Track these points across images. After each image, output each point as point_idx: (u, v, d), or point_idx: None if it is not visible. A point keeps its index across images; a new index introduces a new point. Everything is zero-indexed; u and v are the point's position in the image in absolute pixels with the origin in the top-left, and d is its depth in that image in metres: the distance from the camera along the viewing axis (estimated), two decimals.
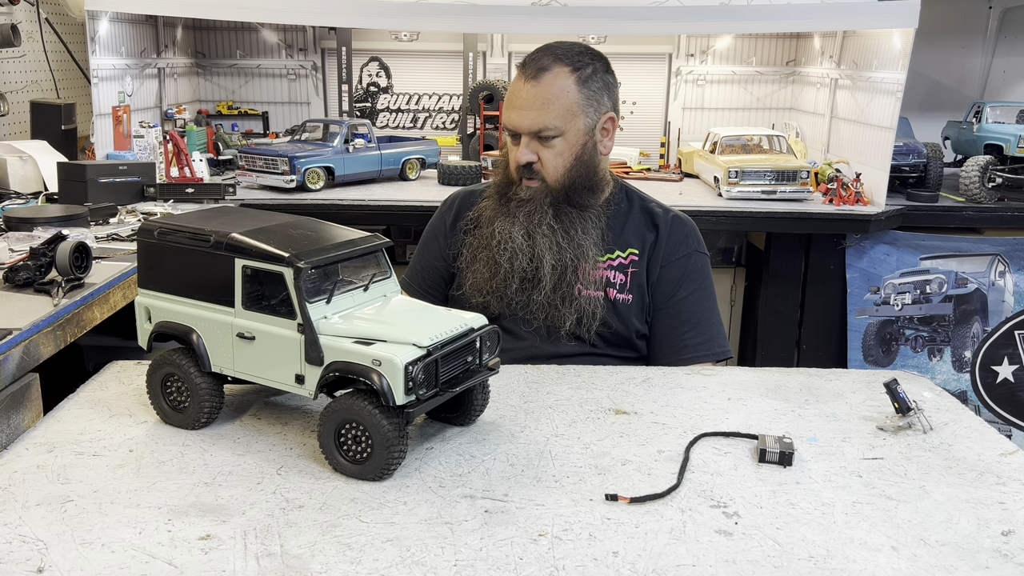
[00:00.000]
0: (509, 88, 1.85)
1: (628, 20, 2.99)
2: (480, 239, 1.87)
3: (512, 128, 1.80)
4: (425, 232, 2.05)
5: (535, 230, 1.79)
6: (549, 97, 1.75)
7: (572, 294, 1.79)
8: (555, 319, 1.80)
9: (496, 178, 1.91)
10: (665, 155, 3.98)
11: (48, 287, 1.69)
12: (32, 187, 2.80)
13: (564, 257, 1.78)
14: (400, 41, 4.00)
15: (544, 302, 1.79)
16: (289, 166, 3.07)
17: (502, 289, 1.81)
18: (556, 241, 1.78)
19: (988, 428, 1.38)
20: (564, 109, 1.76)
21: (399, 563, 0.96)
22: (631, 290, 1.84)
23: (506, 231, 1.80)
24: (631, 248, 1.86)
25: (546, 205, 1.80)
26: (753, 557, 0.99)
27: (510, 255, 1.79)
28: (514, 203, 1.83)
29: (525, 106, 1.76)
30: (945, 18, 3.94)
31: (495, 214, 1.85)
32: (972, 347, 3.32)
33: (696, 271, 1.89)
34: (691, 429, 1.33)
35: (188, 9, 3.21)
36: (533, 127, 1.76)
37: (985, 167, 3.18)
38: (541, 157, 1.79)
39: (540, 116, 1.76)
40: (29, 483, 1.12)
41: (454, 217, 1.98)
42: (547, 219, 1.79)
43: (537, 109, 1.75)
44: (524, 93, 1.77)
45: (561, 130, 1.77)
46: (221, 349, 1.22)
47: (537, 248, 1.78)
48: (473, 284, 1.85)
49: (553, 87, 1.76)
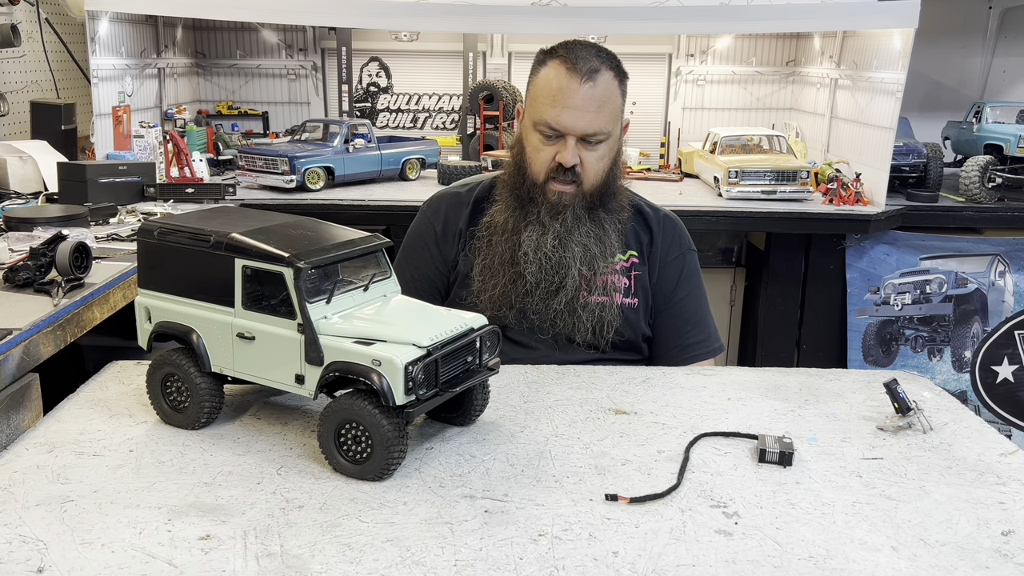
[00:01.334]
0: (545, 82, 1.71)
1: (628, 20, 2.99)
2: (497, 249, 1.77)
3: (560, 128, 1.68)
4: (409, 240, 1.93)
5: (568, 237, 1.71)
6: (604, 100, 1.68)
7: (587, 304, 1.74)
8: (573, 328, 1.74)
9: (509, 180, 1.79)
10: (665, 155, 3.98)
11: (48, 287, 1.69)
12: (32, 187, 2.80)
13: (595, 265, 1.73)
14: (400, 41, 4.00)
15: (563, 310, 1.73)
16: (289, 166, 3.07)
17: (522, 301, 1.74)
18: (588, 247, 1.72)
19: (988, 428, 1.38)
20: (613, 113, 1.71)
21: (399, 563, 0.96)
22: (636, 293, 1.82)
23: (533, 241, 1.71)
24: (631, 251, 1.84)
25: (581, 210, 1.73)
26: (753, 557, 0.99)
27: (536, 267, 1.71)
28: (544, 209, 1.73)
29: (581, 107, 1.66)
30: (945, 18, 3.94)
31: (518, 222, 1.75)
32: (972, 347, 3.32)
33: (691, 270, 1.88)
34: (691, 429, 1.33)
35: (188, 9, 3.21)
36: (588, 130, 1.68)
37: (985, 167, 3.18)
38: (584, 160, 1.71)
39: (596, 119, 1.68)
40: (29, 483, 1.12)
41: (444, 222, 1.88)
42: (584, 224, 1.72)
43: (594, 112, 1.67)
44: (580, 93, 1.66)
45: (610, 134, 1.71)
46: (221, 349, 1.22)
47: (567, 256, 1.71)
48: (491, 297, 1.75)
49: (606, 90, 1.69)
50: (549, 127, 1.69)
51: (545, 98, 1.70)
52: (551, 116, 1.68)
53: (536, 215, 1.74)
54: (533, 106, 1.73)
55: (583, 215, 1.73)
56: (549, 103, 1.69)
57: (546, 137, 1.71)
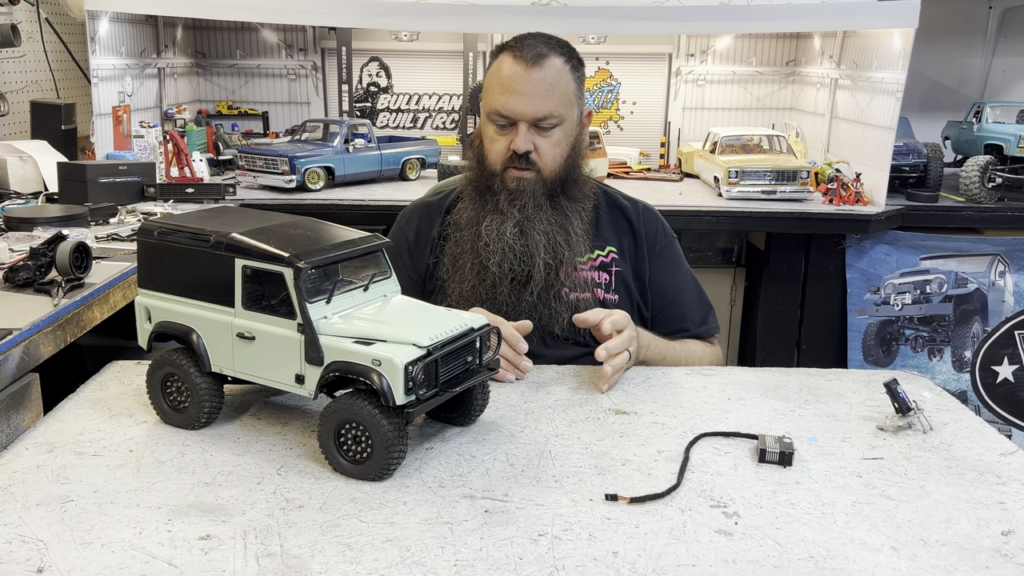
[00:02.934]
0: (495, 73, 1.73)
1: (628, 20, 2.99)
2: (462, 244, 1.77)
3: (509, 115, 1.70)
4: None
5: (529, 224, 1.71)
6: (552, 84, 1.69)
7: (561, 296, 1.73)
8: (548, 320, 1.73)
9: (470, 175, 1.81)
10: (665, 155, 3.98)
11: (48, 287, 1.69)
12: (32, 187, 2.80)
13: (559, 253, 1.72)
14: (400, 41, 4.00)
15: (535, 301, 1.72)
16: (289, 166, 3.07)
17: (491, 294, 1.73)
18: (551, 235, 1.72)
19: (988, 428, 1.38)
20: (564, 98, 1.71)
21: (399, 563, 0.96)
22: (616, 289, 1.81)
23: (494, 230, 1.71)
24: (609, 246, 1.83)
25: (542, 197, 1.73)
26: (753, 557, 0.99)
27: (500, 256, 1.71)
28: (503, 197, 1.72)
29: (528, 92, 1.68)
30: (945, 18, 3.94)
31: (478, 213, 1.75)
32: (972, 347, 3.32)
33: (677, 257, 1.89)
34: (691, 429, 1.33)
35: (188, 9, 3.21)
36: (537, 114, 1.69)
37: (985, 167, 3.18)
38: (538, 147, 1.71)
39: (545, 103, 1.68)
40: (29, 483, 1.12)
41: (416, 231, 1.87)
42: (544, 211, 1.72)
43: (542, 96, 1.68)
44: (525, 78, 1.68)
45: (562, 119, 1.72)
46: (221, 349, 1.22)
47: (530, 244, 1.70)
48: (460, 294, 1.75)
49: (555, 75, 1.70)
50: (500, 115, 1.71)
51: (495, 87, 1.72)
52: (500, 103, 1.70)
53: (495, 203, 1.74)
54: (486, 97, 1.75)
55: (543, 202, 1.73)
56: (498, 91, 1.71)
57: (499, 127, 1.73)
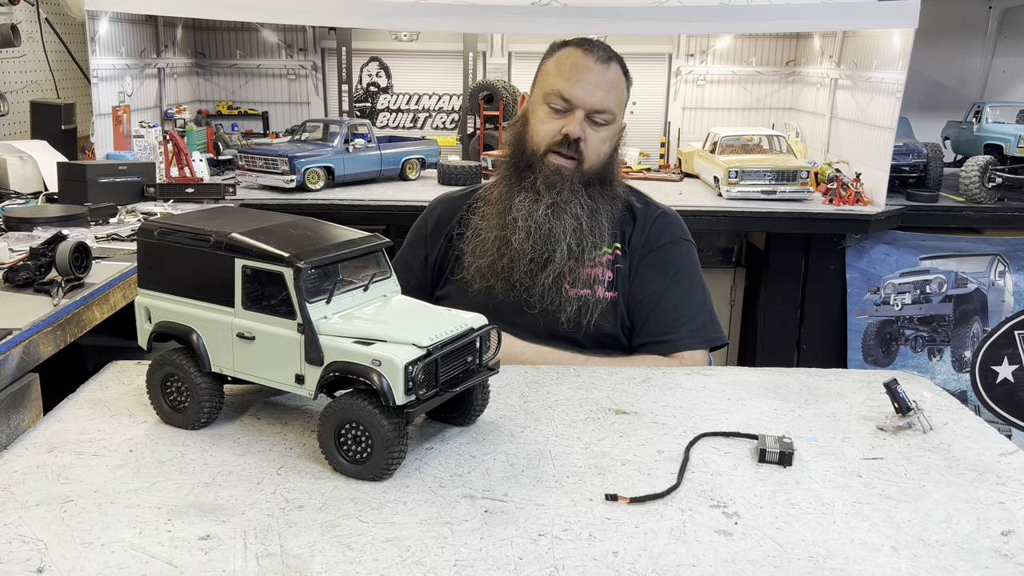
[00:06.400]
0: (560, 60, 1.78)
1: (628, 20, 2.99)
2: (488, 219, 1.80)
3: (571, 99, 1.74)
4: (407, 237, 2.02)
5: (562, 207, 1.73)
6: (613, 84, 1.77)
7: (569, 292, 1.74)
8: (559, 307, 1.74)
9: (508, 151, 1.84)
10: (665, 155, 3.98)
11: (48, 287, 1.69)
12: (32, 187, 2.80)
13: (584, 241, 1.75)
14: (400, 41, 4.01)
15: (551, 286, 1.74)
16: (289, 166, 3.07)
17: (508, 271, 1.75)
18: (581, 220, 1.74)
19: (988, 428, 1.37)
20: (619, 100, 1.79)
21: (399, 563, 0.96)
22: (616, 286, 1.81)
23: (525, 207, 1.74)
24: (616, 243, 1.83)
25: (578, 184, 1.76)
26: (753, 557, 0.99)
27: (525, 234, 1.73)
28: (540, 178, 1.75)
29: (594, 83, 1.74)
30: (945, 18, 3.94)
31: (512, 188, 1.78)
32: (972, 347, 3.32)
33: (669, 261, 1.83)
34: (691, 429, 1.33)
35: (188, 9, 3.21)
36: (597, 105, 1.75)
37: (985, 167, 3.18)
38: (587, 137, 1.76)
39: (607, 97, 1.75)
40: (29, 483, 1.12)
41: (436, 221, 1.94)
42: (580, 196, 1.75)
43: (605, 90, 1.75)
44: (595, 71, 1.74)
45: (614, 118, 1.79)
46: (221, 349, 1.22)
47: (558, 226, 1.73)
48: (477, 268, 1.78)
49: (616, 77, 1.78)
50: (561, 98, 1.75)
51: (560, 72, 1.76)
52: (565, 88, 1.74)
53: (532, 182, 1.77)
54: (545, 81, 1.79)
55: (579, 189, 1.76)
56: (564, 76, 1.75)
57: (555, 110, 1.77)
